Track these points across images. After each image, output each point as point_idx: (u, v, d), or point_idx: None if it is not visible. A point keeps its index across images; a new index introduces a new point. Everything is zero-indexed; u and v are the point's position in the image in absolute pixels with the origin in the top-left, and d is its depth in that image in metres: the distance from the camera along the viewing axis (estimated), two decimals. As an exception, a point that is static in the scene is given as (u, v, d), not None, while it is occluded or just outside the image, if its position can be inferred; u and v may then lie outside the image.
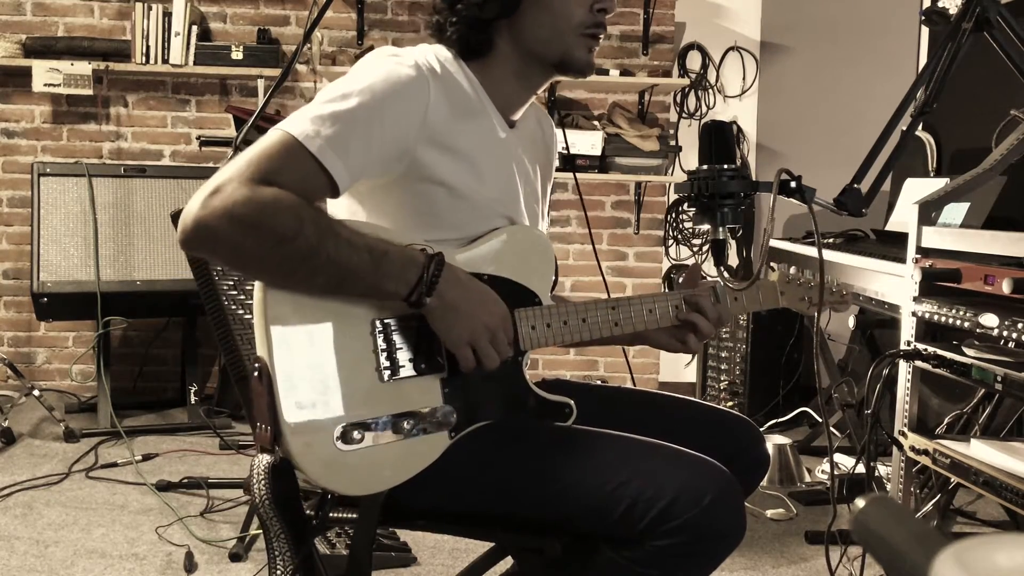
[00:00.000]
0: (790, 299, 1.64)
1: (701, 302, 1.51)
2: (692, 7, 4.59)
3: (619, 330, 1.47)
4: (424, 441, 1.32)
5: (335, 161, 1.25)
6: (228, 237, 1.20)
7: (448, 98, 1.36)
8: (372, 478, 1.29)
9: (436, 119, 1.34)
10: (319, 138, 1.24)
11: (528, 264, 1.45)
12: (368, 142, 1.28)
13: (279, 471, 1.27)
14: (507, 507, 1.35)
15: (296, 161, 1.24)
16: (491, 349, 1.32)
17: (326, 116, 1.26)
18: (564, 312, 1.43)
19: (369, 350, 1.29)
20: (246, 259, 1.24)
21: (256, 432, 1.29)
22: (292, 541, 1.30)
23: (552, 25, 1.40)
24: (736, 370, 4.01)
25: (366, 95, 1.28)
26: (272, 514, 1.28)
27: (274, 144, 1.25)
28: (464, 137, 1.38)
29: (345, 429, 1.25)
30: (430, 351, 1.34)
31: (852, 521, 0.57)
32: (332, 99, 1.28)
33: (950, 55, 1.68)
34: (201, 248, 1.24)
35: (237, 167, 1.22)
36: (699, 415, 1.59)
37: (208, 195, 1.20)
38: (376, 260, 1.24)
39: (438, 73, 1.36)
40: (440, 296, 1.27)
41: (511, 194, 1.47)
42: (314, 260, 1.21)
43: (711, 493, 1.25)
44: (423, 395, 1.33)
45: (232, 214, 1.19)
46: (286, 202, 1.21)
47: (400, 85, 1.31)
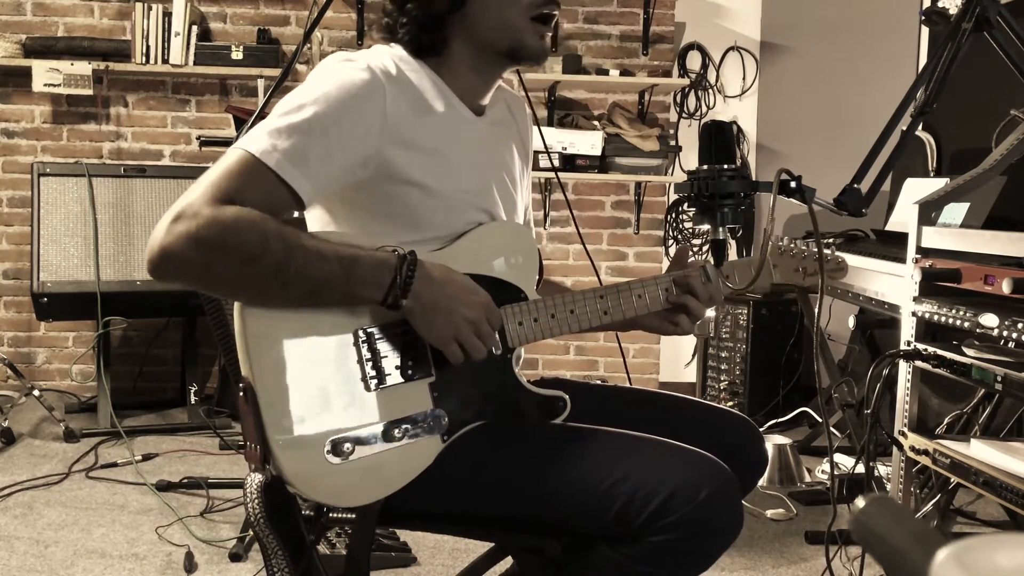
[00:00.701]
0: (783, 272, 1.61)
1: (692, 282, 1.49)
2: (692, 7, 4.59)
3: (608, 319, 1.46)
4: (417, 447, 1.31)
5: (295, 174, 1.24)
6: (194, 261, 1.19)
7: (406, 97, 1.35)
8: (366, 489, 1.29)
9: (396, 119, 1.33)
10: (276, 152, 1.24)
11: (510, 259, 1.43)
12: (327, 151, 1.27)
13: (271, 489, 1.26)
14: (504, 507, 1.35)
15: (256, 178, 1.23)
16: (476, 341, 1.31)
17: (282, 129, 1.25)
18: (551, 305, 1.42)
19: (354, 360, 1.29)
20: (216, 281, 1.24)
21: (246, 451, 1.29)
22: (289, 557, 1.29)
23: (500, 13, 1.39)
24: (736, 370, 4.01)
25: (321, 104, 1.27)
26: (268, 532, 1.28)
27: (233, 163, 1.24)
28: (429, 133, 1.37)
29: (335, 442, 1.25)
30: (416, 355, 1.33)
31: (852, 521, 0.57)
32: (287, 111, 1.28)
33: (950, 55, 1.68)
34: (170, 275, 1.23)
35: (199, 190, 1.22)
36: (698, 414, 1.59)
37: (171, 221, 1.20)
38: (347, 267, 1.23)
39: (393, 74, 1.35)
40: (417, 296, 1.26)
41: (485, 184, 1.46)
42: (284, 275, 1.21)
43: (707, 488, 1.25)
44: (412, 401, 1.32)
45: (196, 238, 1.18)
46: (249, 220, 1.20)
47: (355, 90, 1.30)
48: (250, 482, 1.27)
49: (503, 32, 1.39)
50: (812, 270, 1.61)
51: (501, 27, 1.39)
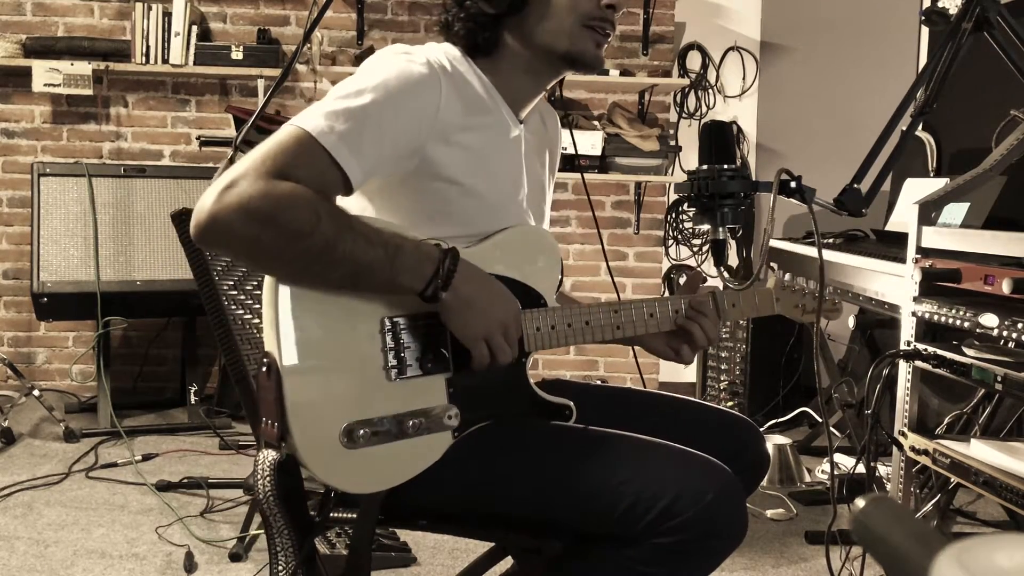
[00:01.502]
0: (785, 306, 1.66)
1: (703, 310, 1.51)
2: (692, 7, 4.59)
3: (620, 333, 1.47)
4: (427, 441, 1.32)
5: (348, 157, 1.25)
6: (244, 231, 1.19)
7: (460, 96, 1.37)
8: (375, 476, 1.29)
9: (448, 117, 1.34)
10: (333, 134, 1.24)
11: (534, 264, 1.45)
12: (381, 139, 1.28)
13: (284, 468, 1.27)
14: (508, 506, 1.35)
15: (310, 156, 1.23)
16: (505, 344, 1.32)
17: (340, 112, 1.26)
18: (568, 314, 1.44)
19: (378, 349, 1.29)
20: (262, 254, 1.23)
21: (262, 427, 1.29)
22: (295, 538, 1.30)
23: (558, 17, 1.40)
24: (736, 370, 4.01)
25: (379, 92, 1.28)
26: (276, 510, 1.28)
27: (288, 139, 1.24)
28: (476, 134, 1.38)
29: (351, 427, 1.25)
30: (436, 350, 1.34)
31: (852, 521, 0.57)
32: (345, 95, 1.28)
33: (950, 55, 1.68)
34: (216, 243, 1.23)
35: (252, 161, 1.21)
36: (699, 415, 1.59)
37: (223, 189, 1.19)
38: (391, 255, 1.23)
39: (449, 71, 1.36)
40: (455, 291, 1.27)
41: (518, 190, 1.48)
42: (330, 255, 1.21)
43: (712, 492, 1.25)
44: (428, 394, 1.33)
45: (248, 208, 1.18)
46: (303, 197, 1.20)
47: (413, 82, 1.31)
48: (263, 459, 1.27)
49: (561, 37, 1.41)
50: (810, 308, 1.67)
51: (560, 32, 1.40)
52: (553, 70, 1.47)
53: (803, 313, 1.67)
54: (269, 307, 1.25)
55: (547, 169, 1.62)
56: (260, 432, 1.30)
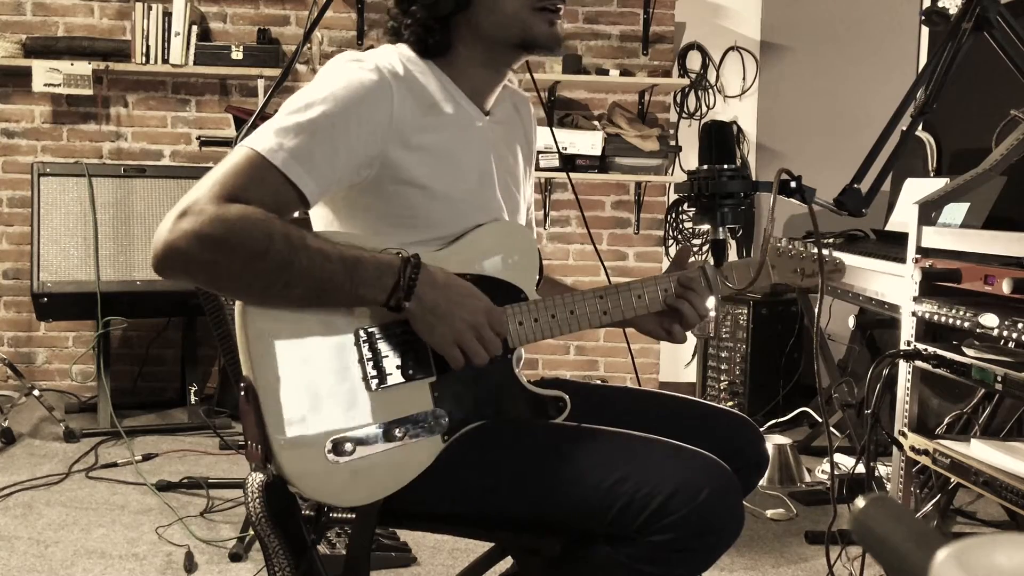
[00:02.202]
0: (782, 273, 1.61)
1: (692, 285, 1.49)
2: (692, 7, 4.59)
3: (608, 319, 1.46)
4: (417, 446, 1.31)
5: (300, 173, 1.25)
6: (199, 258, 1.20)
7: (414, 98, 1.36)
8: (367, 488, 1.29)
9: (403, 121, 1.33)
10: (282, 151, 1.24)
11: (511, 259, 1.44)
12: (334, 151, 1.27)
13: (273, 489, 1.26)
14: (504, 507, 1.35)
15: (262, 176, 1.24)
16: (478, 346, 1.31)
17: (289, 128, 1.26)
18: (552, 305, 1.42)
19: (355, 360, 1.29)
20: (220, 278, 1.24)
21: (247, 449, 1.29)
22: (291, 557, 1.29)
23: (505, 7, 1.39)
24: (736, 370, 4.01)
25: (328, 103, 1.28)
26: (269, 531, 1.28)
27: (239, 161, 1.24)
28: (436, 134, 1.37)
29: (336, 441, 1.25)
30: (417, 356, 1.33)
31: (852, 521, 0.57)
32: (295, 110, 1.28)
33: (950, 55, 1.68)
34: (174, 271, 1.23)
35: (204, 187, 1.22)
36: (698, 414, 1.59)
37: (176, 218, 1.20)
38: (350, 268, 1.23)
39: (400, 75, 1.35)
40: (419, 299, 1.26)
41: (488, 186, 1.46)
42: (287, 274, 1.21)
43: (708, 488, 1.25)
44: (413, 400, 1.32)
45: (200, 234, 1.18)
46: (254, 218, 1.20)
47: (362, 90, 1.30)
48: (251, 481, 1.28)
49: (512, 25, 1.39)
50: (810, 271, 1.60)
51: (509, 20, 1.39)
52: (510, 57, 1.46)
53: (803, 278, 1.61)
54: (240, 331, 1.25)
55: (521, 157, 1.59)
56: (247, 454, 1.30)
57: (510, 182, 1.53)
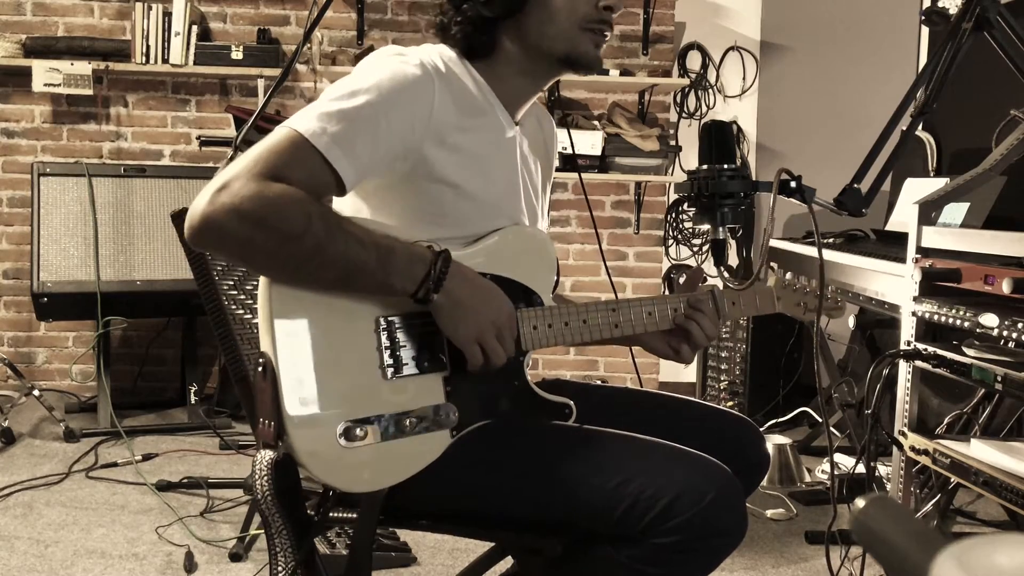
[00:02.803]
0: (786, 304, 1.66)
1: (701, 308, 1.51)
2: (692, 7, 4.59)
3: (619, 332, 1.47)
4: (426, 439, 1.32)
5: (341, 158, 1.25)
6: (236, 233, 1.20)
7: (454, 97, 1.37)
8: (374, 476, 1.29)
9: (442, 118, 1.34)
10: (326, 135, 1.25)
11: (530, 264, 1.45)
12: (374, 140, 1.28)
13: (282, 467, 1.27)
14: (507, 506, 1.35)
15: (303, 158, 1.24)
16: (498, 346, 1.32)
17: (333, 113, 1.26)
18: (565, 313, 1.44)
19: (373, 347, 1.30)
20: (254, 255, 1.24)
21: (259, 428, 1.29)
22: (294, 537, 1.30)
23: (557, 21, 1.40)
24: (736, 370, 4.01)
25: (372, 93, 1.29)
26: (274, 510, 1.29)
27: (281, 141, 1.25)
28: (471, 136, 1.38)
29: (348, 426, 1.26)
30: (433, 349, 1.34)
31: (852, 521, 0.57)
32: (339, 97, 1.29)
33: (950, 55, 1.68)
34: (209, 244, 1.24)
35: (244, 163, 1.22)
36: (699, 415, 1.59)
37: (215, 191, 1.20)
38: (383, 257, 1.24)
39: (443, 72, 1.37)
40: (447, 293, 1.27)
41: (514, 192, 1.48)
42: (322, 256, 1.22)
43: (712, 491, 1.25)
44: (425, 393, 1.33)
45: (240, 210, 1.19)
46: (294, 198, 1.21)
47: (406, 83, 1.31)
48: (260, 459, 1.28)
49: (560, 39, 1.41)
50: (812, 306, 1.66)
51: (558, 34, 1.40)
52: (551, 72, 1.47)
53: (805, 311, 1.66)
54: (264, 308, 1.26)
55: (542, 171, 1.62)
56: (257, 432, 1.30)
57: (532, 193, 1.55)
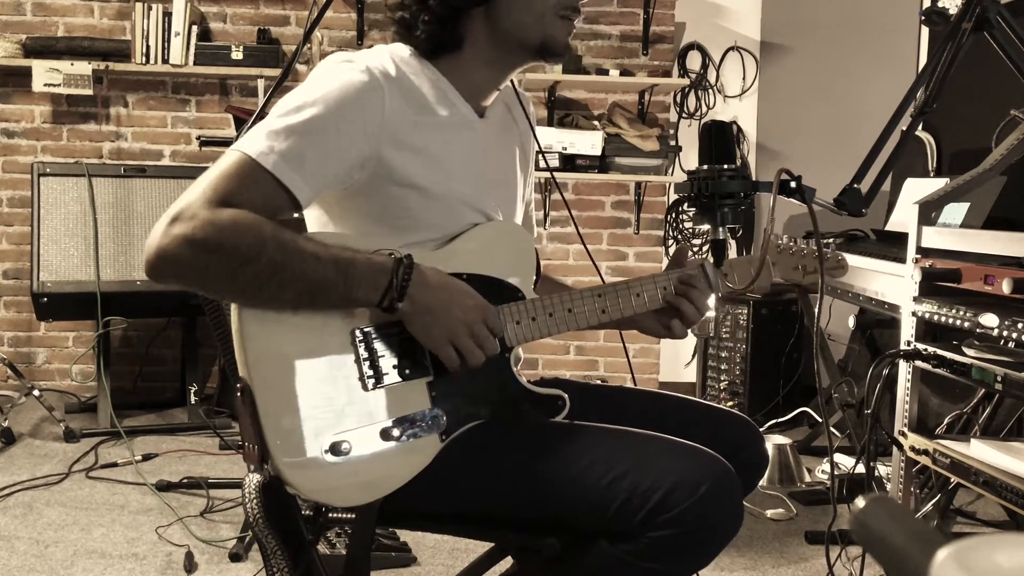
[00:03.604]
0: (783, 269, 1.61)
1: (692, 281, 1.49)
2: (692, 7, 4.59)
3: (607, 317, 1.46)
4: (415, 446, 1.31)
5: (292, 176, 1.25)
6: (191, 262, 1.20)
7: (406, 98, 1.35)
8: (365, 488, 1.29)
9: (395, 121, 1.33)
10: (273, 154, 1.24)
11: (507, 259, 1.44)
12: (325, 153, 1.27)
13: (270, 489, 1.26)
14: (503, 506, 1.35)
15: (253, 180, 1.24)
16: (472, 345, 1.31)
17: (280, 130, 1.26)
18: (549, 304, 1.42)
19: (351, 360, 1.29)
20: (212, 283, 1.24)
21: (244, 451, 1.29)
22: (289, 557, 1.29)
23: (530, 7, 1.39)
24: (736, 370, 4.01)
25: (319, 105, 1.28)
26: (267, 532, 1.28)
27: (230, 165, 1.25)
28: (429, 135, 1.37)
29: (334, 442, 1.25)
30: (414, 355, 1.33)
31: (852, 521, 0.57)
32: (286, 112, 1.28)
33: (950, 55, 1.68)
34: (167, 276, 1.23)
35: (196, 192, 1.23)
36: (698, 414, 1.59)
37: (168, 223, 1.21)
38: (343, 270, 1.24)
39: (392, 75, 1.35)
40: (412, 299, 1.26)
41: (483, 187, 1.46)
42: (280, 277, 1.21)
43: (707, 483, 1.25)
44: (411, 400, 1.32)
45: (193, 239, 1.19)
46: (245, 222, 1.21)
47: (353, 91, 1.30)
48: (248, 482, 1.28)
49: (534, 26, 1.39)
50: (811, 268, 1.61)
51: (533, 21, 1.39)
52: (519, 61, 1.45)
53: (804, 274, 1.61)
54: (236, 333, 1.25)
55: (519, 155, 1.59)
56: (244, 455, 1.30)
57: (505, 183, 1.53)
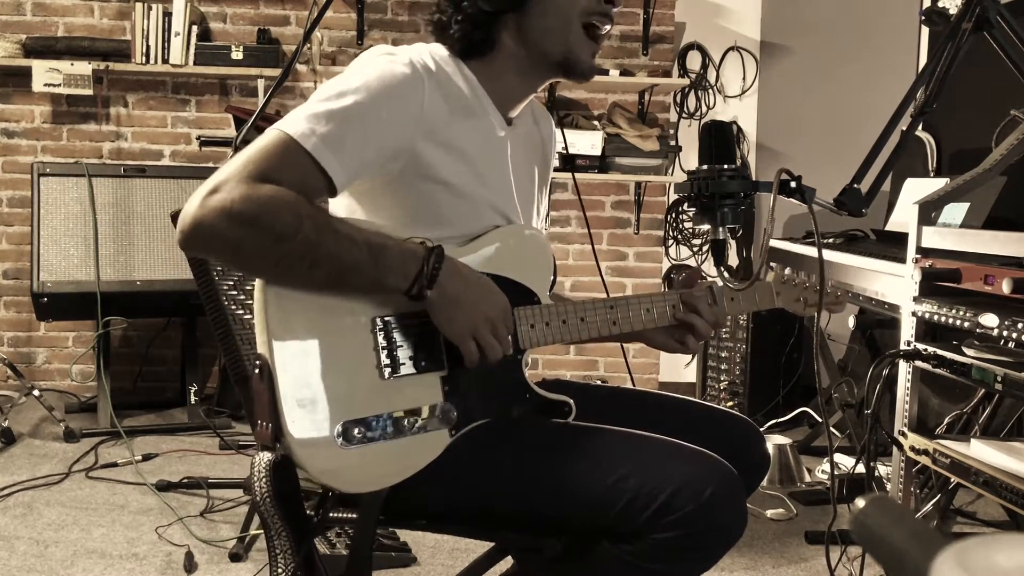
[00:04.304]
0: (786, 300, 1.65)
1: (698, 303, 1.51)
2: (692, 7, 4.59)
3: (617, 329, 1.48)
4: (424, 439, 1.32)
5: (331, 159, 1.26)
6: (227, 235, 1.20)
7: (444, 96, 1.37)
8: (372, 476, 1.29)
9: (432, 116, 1.34)
10: (314, 136, 1.25)
11: (526, 263, 1.45)
12: (364, 140, 1.28)
13: (280, 468, 1.27)
14: (507, 504, 1.35)
15: (293, 159, 1.25)
16: (494, 341, 1.32)
17: (321, 114, 1.27)
18: (563, 311, 1.44)
19: (369, 348, 1.30)
20: (246, 257, 1.24)
21: (257, 430, 1.29)
22: (293, 539, 1.30)
23: (559, 14, 1.40)
24: (736, 370, 4.01)
25: (361, 93, 1.29)
26: (273, 512, 1.29)
27: (271, 143, 1.25)
28: (462, 135, 1.38)
29: (346, 427, 1.26)
30: (430, 348, 1.34)
31: (852, 521, 0.57)
32: (328, 97, 1.29)
33: (950, 55, 1.68)
34: (200, 247, 1.25)
35: (235, 166, 1.23)
36: (699, 415, 1.59)
37: (206, 194, 1.21)
38: (375, 254, 1.24)
39: (433, 71, 1.37)
40: (441, 288, 1.27)
41: (506, 192, 1.47)
42: (314, 256, 1.22)
43: (711, 486, 1.25)
44: (423, 393, 1.33)
45: (231, 212, 1.19)
46: (284, 199, 1.21)
47: (395, 83, 1.31)
48: (258, 461, 1.28)
49: (560, 35, 1.40)
50: (812, 302, 1.65)
51: (559, 28, 1.40)
52: (546, 75, 1.47)
53: (805, 307, 1.66)
54: (259, 310, 1.26)
55: (539, 171, 1.61)
56: (256, 434, 1.30)
57: (526, 192, 1.54)
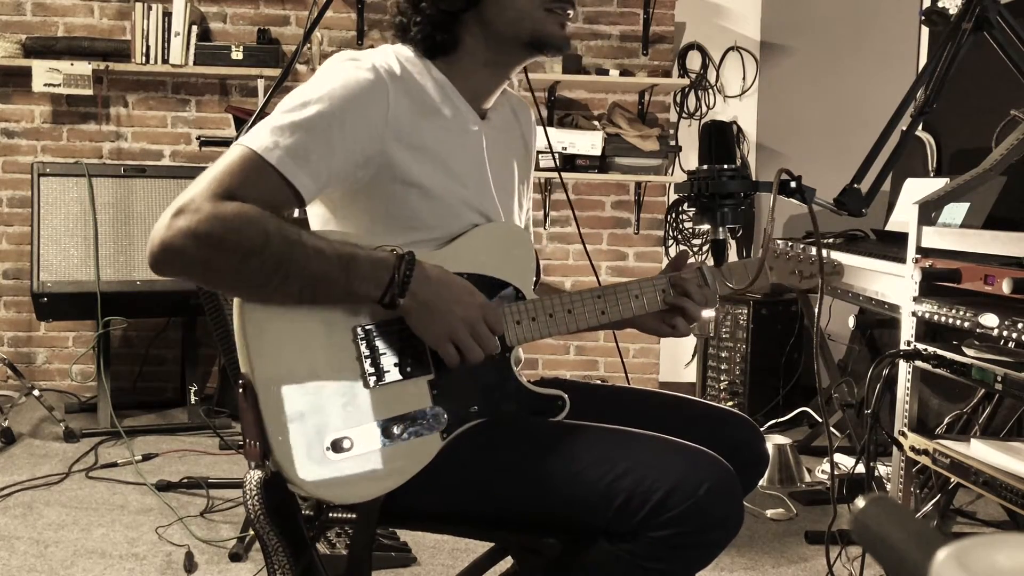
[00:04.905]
0: (780, 274, 1.62)
1: (688, 286, 1.50)
2: (692, 7, 4.59)
3: (606, 318, 1.46)
4: (416, 444, 1.31)
5: (296, 171, 1.25)
6: (195, 256, 1.20)
7: (410, 98, 1.36)
8: (366, 486, 1.29)
9: (399, 120, 1.34)
10: (278, 149, 1.25)
11: (508, 259, 1.44)
12: (330, 149, 1.28)
13: (271, 485, 1.27)
14: (504, 505, 1.35)
15: (258, 175, 1.24)
16: (472, 342, 1.31)
17: (285, 126, 1.26)
18: (549, 305, 1.43)
19: (352, 357, 1.29)
20: (216, 276, 1.25)
21: (246, 448, 1.29)
22: (290, 554, 1.29)
23: (515, 5, 1.39)
24: (736, 370, 4.01)
25: (324, 102, 1.28)
26: (268, 528, 1.28)
27: (235, 159, 1.25)
28: (431, 135, 1.38)
29: (335, 439, 1.25)
30: (415, 353, 1.33)
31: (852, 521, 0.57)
32: (291, 108, 1.29)
33: (950, 55, 1.68)
34: (171, 269, 1.23)
35: (200, 186, 1.23)
36: (698, 413, 1.59)
37: (172, 216, 1.21)
38: (345, 265, 1.24)
39: (397, 75, 1.36)
40: (413, 295, 1.27)
41: (483, 189, 1.47)
42: (283, 271, 1.22)
43: (707, 483, 1.25)
44: (412, 398, 1.32)
45: (196, 232, 1.19)
46: (250, 215, 1.21)
47: (359, 89, 1.31)
48: (249, 479, 1.28)
49: (523, 22, 1.40)
50: (809, 272, 1.62)
51: (521, 17, 1.40)
52: (517, 58, 1.46)
53: (801, 279, 1.62)
54: (238, 328, 1.25)
55: (519, 162, 1.59)
56: (245, 452, 1.30)
57: (506, 186, 1.53)
